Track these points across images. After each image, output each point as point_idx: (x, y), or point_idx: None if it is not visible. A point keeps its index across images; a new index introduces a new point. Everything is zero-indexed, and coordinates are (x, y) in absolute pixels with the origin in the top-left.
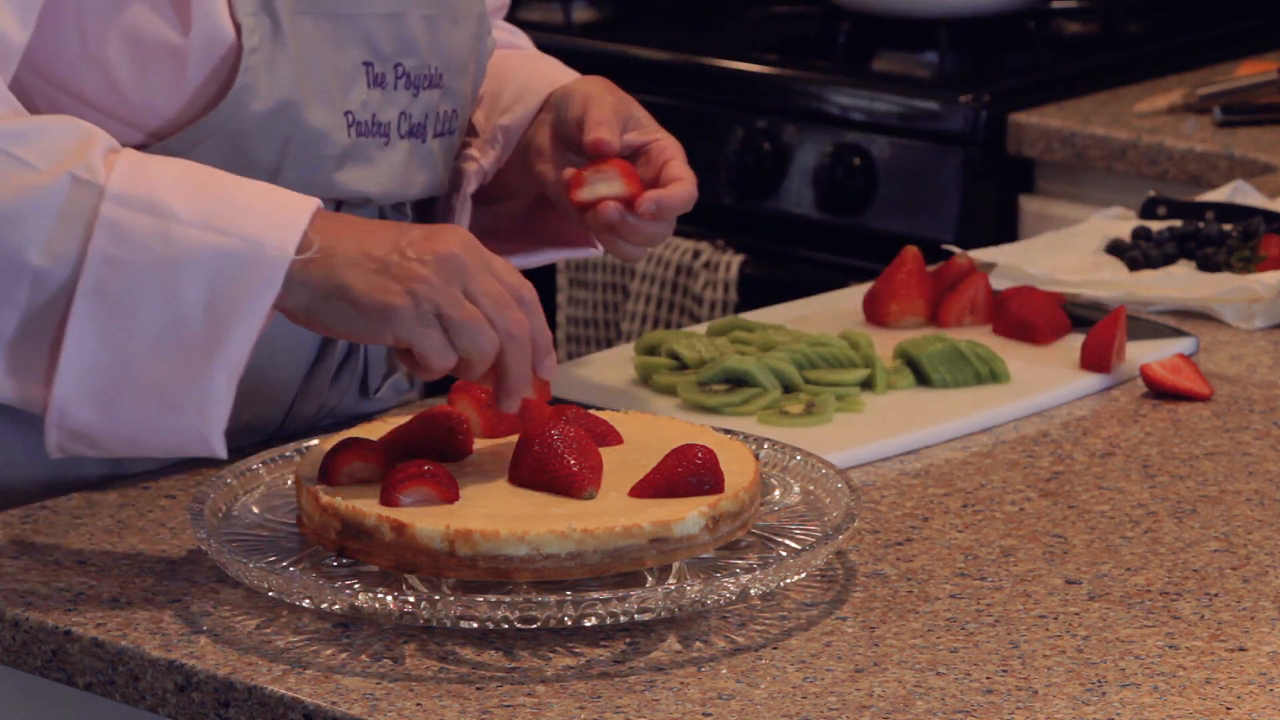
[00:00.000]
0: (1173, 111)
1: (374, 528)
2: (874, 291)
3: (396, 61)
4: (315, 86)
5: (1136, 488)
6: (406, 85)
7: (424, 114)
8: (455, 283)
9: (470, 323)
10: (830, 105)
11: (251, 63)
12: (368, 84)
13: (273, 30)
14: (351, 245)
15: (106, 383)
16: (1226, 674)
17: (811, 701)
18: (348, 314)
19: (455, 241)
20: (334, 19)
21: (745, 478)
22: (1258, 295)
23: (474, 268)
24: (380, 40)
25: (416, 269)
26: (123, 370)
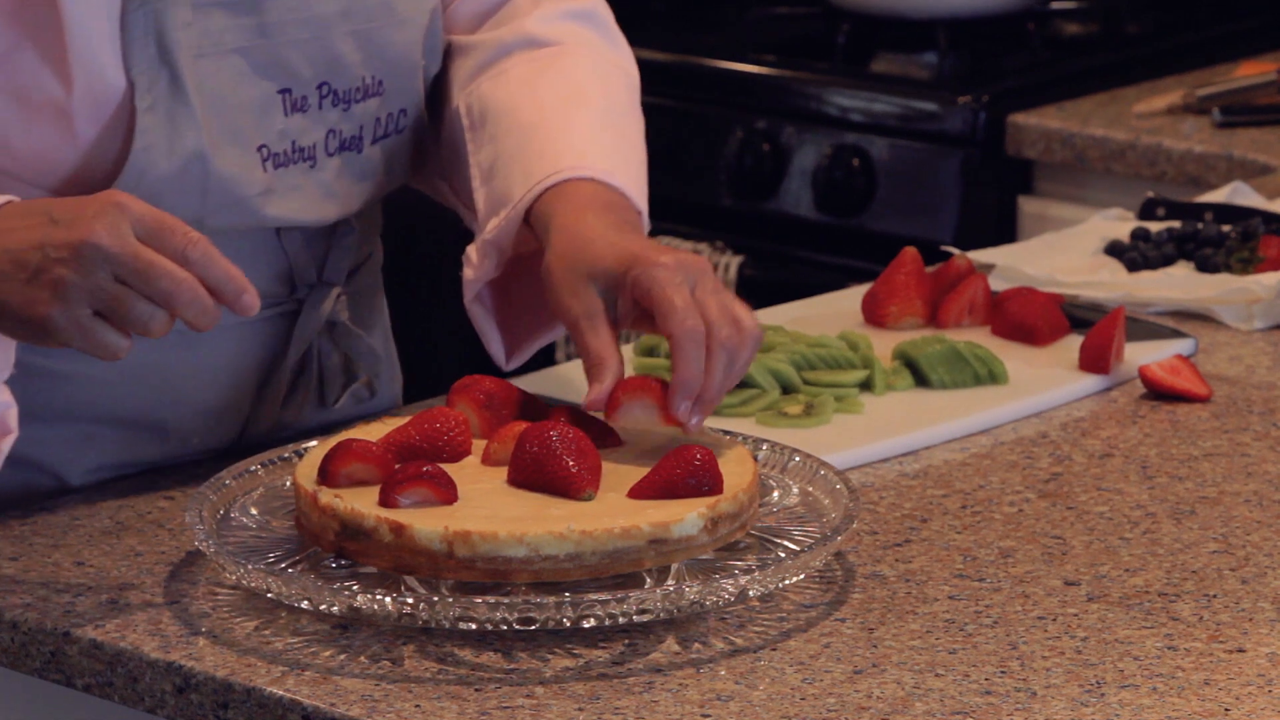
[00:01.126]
0: (1172, 112)
1: (373, 529)
2: (873, 293)
3: (321, 81)
4: (223, 130)
5: (1135, 489)
6: (334, 103)
7: (358, 126)
8: (99, 271)
9: (123, 307)
10: (829, 106)
11: (148, 122)
12: (285, 111)
13: (171, 81)
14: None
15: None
16: (1225, 675)
17: (810, 703)
18: (11, 327)
19: (97, 223)
20: (241, 53)
21: (744, 479)
22: (1256, 296)
23: (114, 249)
24: (297, 65)
25: (58, 271)
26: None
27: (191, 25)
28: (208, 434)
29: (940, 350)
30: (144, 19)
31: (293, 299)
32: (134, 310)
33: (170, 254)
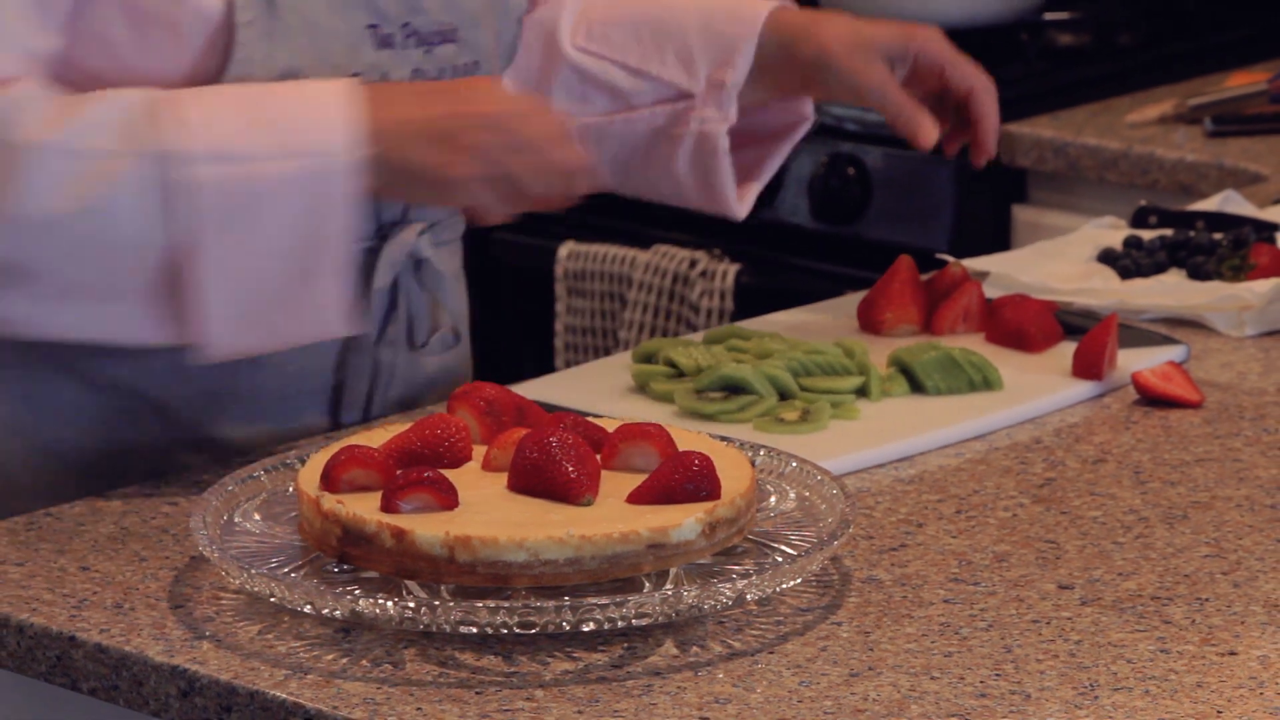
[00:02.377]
0: (1164, 122)
1: (374, 534)
2: (868, 300)
3: (404, 21)
4: (318, 54)
5: (1128, 494)
6: (417, 43)
7: (438, 70)
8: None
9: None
10: (825, 115)
11: (247, 36)
12: (374, 46)
13: (268, 4)
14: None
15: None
16: (1217, 678)
17: (807, 705)
18: (419, 187)
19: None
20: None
21: (741, 484)
22: (1248, 303)
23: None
24: (384, 2)
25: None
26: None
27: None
28: (302, 360)
29: (935, 357)
30: None
31: (376, 235)
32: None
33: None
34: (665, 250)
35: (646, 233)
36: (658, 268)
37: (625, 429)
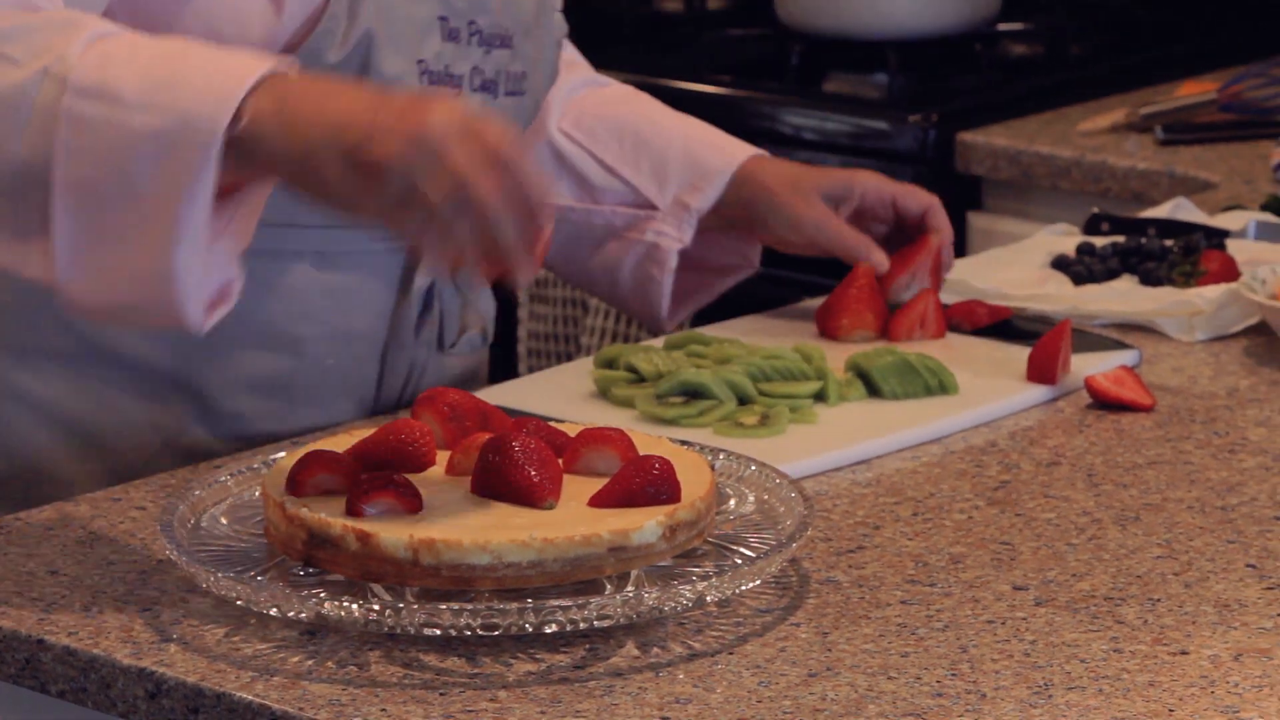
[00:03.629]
0: (1115, 131)
1: (339, 537)
2: (826, 306)
3: (470, 18)
4: (391, 35)
5: (1081, 496)
6: (479, 42)
7: (495, 71)
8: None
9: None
10: (783, 125)
11: (335, 8)
12: (442, 37)
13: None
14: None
15: (91, 265)
16: (1169, 677)
17: (766, 705)
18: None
19: (433, 115)
20: None
21: (701, 488)
22: (1198, 309)
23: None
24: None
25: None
26: (100, 253)
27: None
28: (342, 356)
29: (892, 362)
30: None
31: None
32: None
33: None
34: None
35: None
36: None
37: (587, 433)
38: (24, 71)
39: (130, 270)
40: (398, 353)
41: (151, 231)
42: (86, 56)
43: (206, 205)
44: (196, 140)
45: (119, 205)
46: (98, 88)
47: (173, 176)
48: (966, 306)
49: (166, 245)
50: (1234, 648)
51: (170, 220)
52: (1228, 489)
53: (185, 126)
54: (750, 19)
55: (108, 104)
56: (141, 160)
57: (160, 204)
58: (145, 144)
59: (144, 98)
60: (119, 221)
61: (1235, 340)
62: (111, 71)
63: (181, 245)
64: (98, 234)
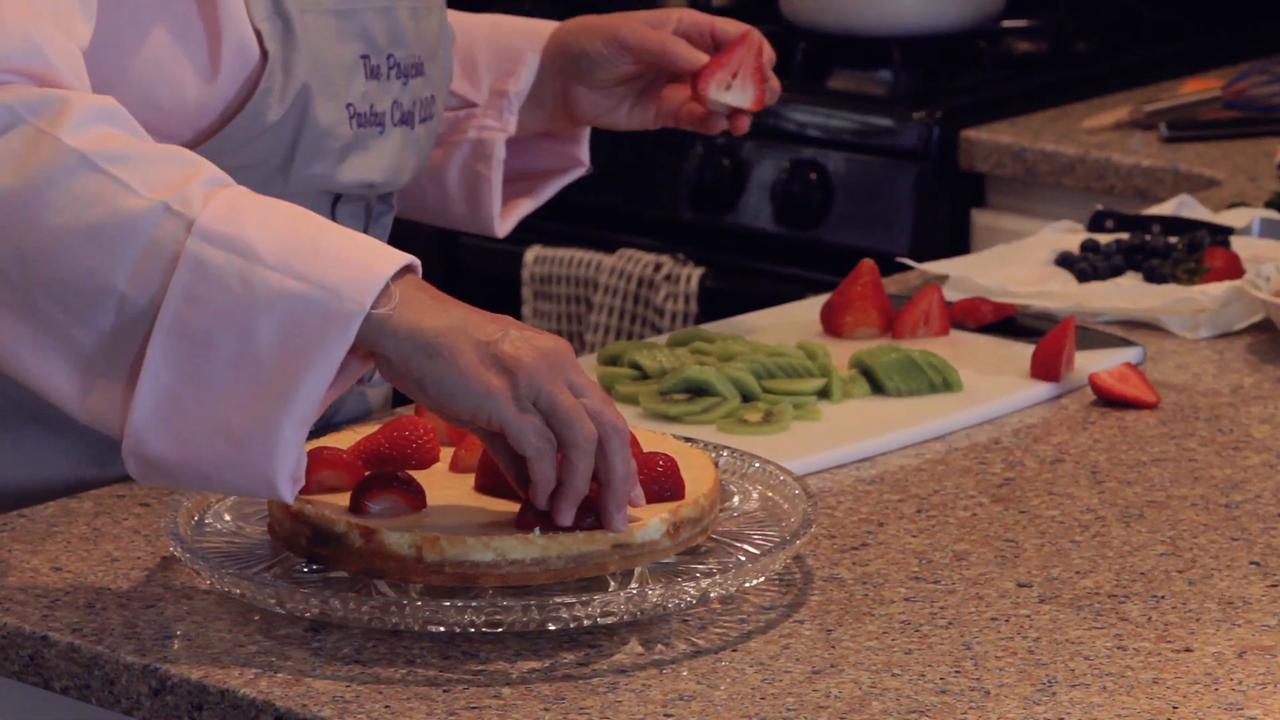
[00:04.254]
0: (1119, 128)
1: (343, 534)
2: (830, 303)
3: (389, 53)
4: (322, 82)
5: (1085, 493)
6: (397, 75)
7: (412, 101)
8: (559, 375)
9: (573, 412)
10: (787, 122)
11: (271, 67)
12: (365, 76)
13: (285, 30)
14: (459, 311)
15: (180, 417)
16: (1173, 674)
17: (770, 702)
18: (447, 379)
19: (556, 340)
20: (335, 15)
21: (705, 485)
22: (1202, 306)
23: (575, 365)
24: (375, 33)
25: (522, 351)
26: (196, 406)
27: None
28: None
29: (896, 359)
30: None
31: None
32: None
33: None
34: (630, 254)
35: (612, 237)
36: (623, 272)
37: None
38: (141, 202)
39: (225, 432)
40: None
41: (265, 396)
42: (213, 202)
43: (328, 379)
44: (338, 311)
45: (231, 362)
46: (230, 238)
47: (301, 344)
48: (971, 304)
49: (277, 413)
50: (1238, 645)
51: (288, 388)
52: (1232, 486)
53: (328, 295)
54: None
55: (241, 257)
56: (270, 321)
57: (281, 370)
58: (278, 305)
59: (282, 259)
60: (227, 379)
61: (1239, 337)
62: (245, 225)
63: (292, 416)
64: (197, 387)
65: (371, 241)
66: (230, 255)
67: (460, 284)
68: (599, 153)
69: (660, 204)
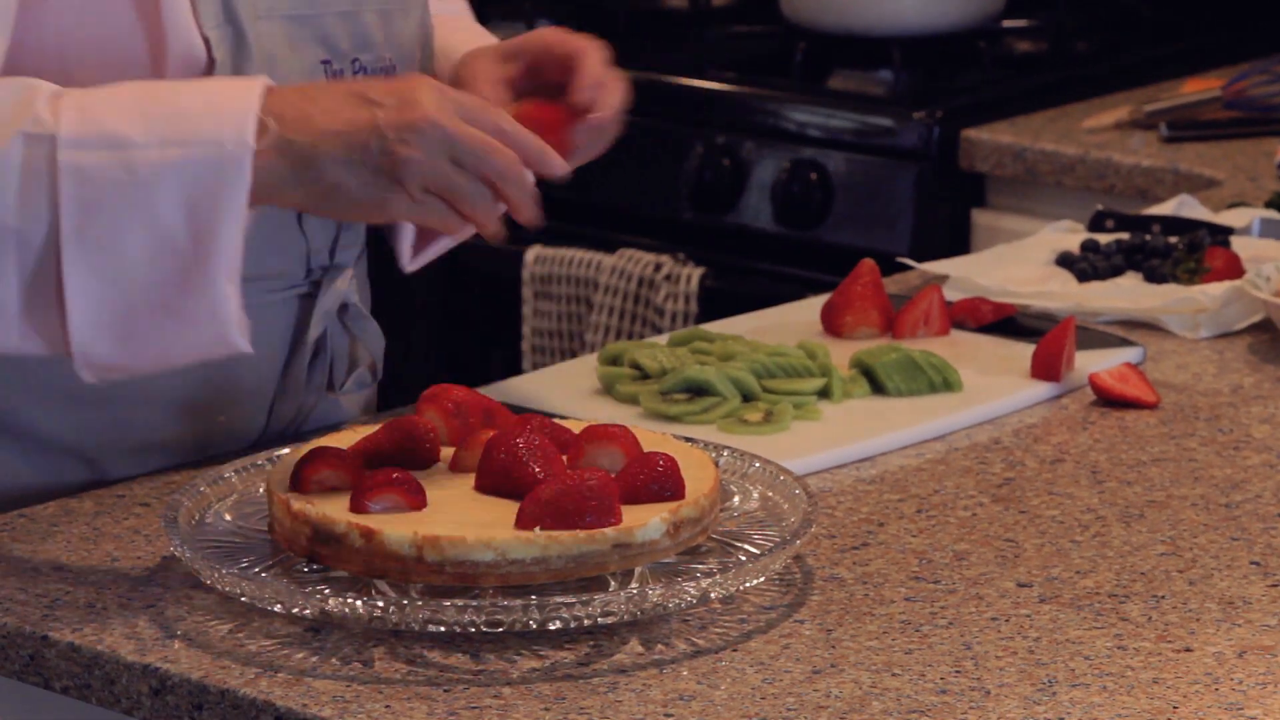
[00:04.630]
0: (1120, 128)
1: (344, 534)
2: (830, 303)
3: (354, 57)
4: None
5: (1085, 493)
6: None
7: None
8: (439, 150)
9: (457, 187)
10: (787, 122)
11: (219, 73)
12: (326, 81)
13: (236, 38)
14: (330, 135)
15: (116, 317)
16: (1173, 674)
17: (770, 702)
18: (343, 208)
19: (429, 105)
20: (292, 20)
21: (705, 484)
22: (1203, 306)
23: (451, 128)
24: (337, 38)
25: (402, 151)
26: (128, 301)
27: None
28: (233, 414)
29: (896, 359)
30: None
31: (308, 281)
32: (467, 190)
33: (489, 131)
34: (631, 254)
35: (612, 237)
36: (623, 271)
37: (591, 430)
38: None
39: (166, 311)
40: (286, 403)
41: (190, 264)
42: (64, 111)
43: (241, 224)
44: (228, 158)
45: (147, 247)
46: (96, 137)
47: (205, 203)
48: (971, 303)
49: (208, 273)
50: (1238, 645)
51: (209, 247)
52: (1232, 486)
53: (211, 148)
54: (755, 16)
55: (114, 150)
56: (167, 194)
57: (195, 234)
58: (169, 177)
59: (154, 134)
60: (148, 264)
61: (1239, 337)
62: (103, 119)
63: (222, 271)
64: (123, 284)
65: (222, 82)
66: (104, 152)
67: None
68: None
69: (661, 204)
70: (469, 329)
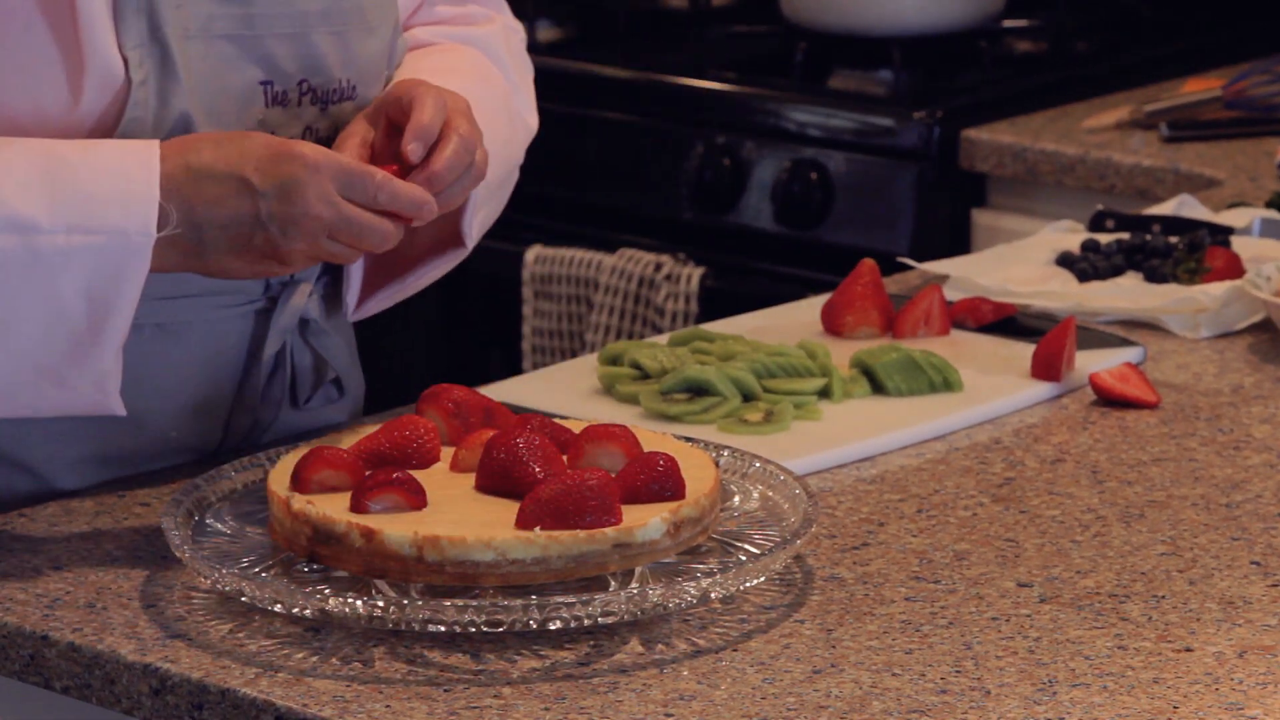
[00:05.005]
0: (1120, 127)
1: (344, 534)
2: (831, 303)
3: (300, 79)
4: (209, 111)
5: (1086, 493)
6: (313, 101)
7: (334, 127)
8: (319, 236)
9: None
10: (788, 122)
11: (140, 95)
12: (266, 103)
13: (162, 58)
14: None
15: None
16: (1173, 674)
17: (770, 702)
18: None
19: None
20: (230, 40)
21: (706, 484)
22: (1203, 306)
23: (329, 217)
24: (281, 59)
25: (283, 243)
26: (14, 367)
27: (182, 7)
28: (186, 429)
29: (896, 359)
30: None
31: (266, 296)
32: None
33: (368, 203)
34: (631, 254)
35: (613, 237)
36: (624, 271)
37: (591, 430)
38: None
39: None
40: (242, 416)
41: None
42: None
43: (133, 307)
44: (131, 247)
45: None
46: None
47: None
48: (971, 303)
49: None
50: (1238, 645)
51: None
52: (1232, 486)
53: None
54: (755, 16)
55: (19, 233)
56: (70, 279)
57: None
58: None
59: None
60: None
61: (1240, 337)
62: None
63: (109, 349)
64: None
65: (122, 156)
66: (9, 235)
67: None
68: (599, 151)
69: (661, 204)
70: (469, 329)
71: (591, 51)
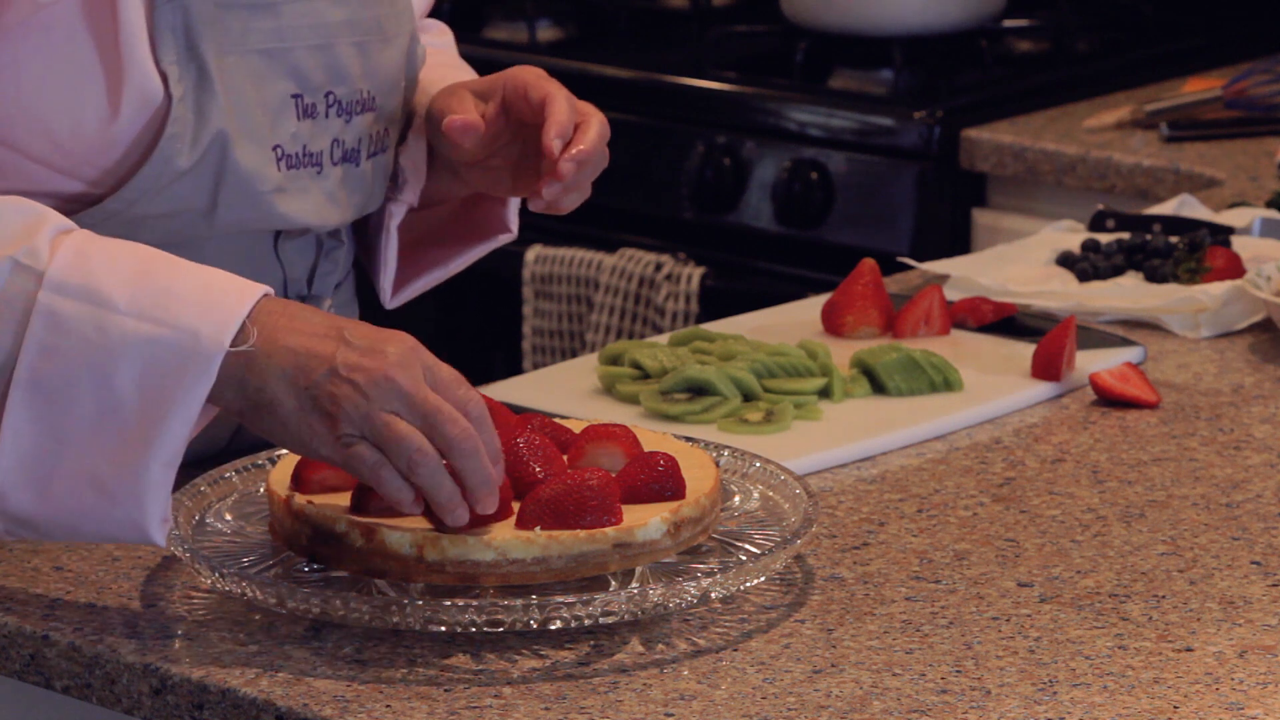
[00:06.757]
0: (1121, 127)
1: (344, 533)
2: (831, 303)
3: (327, 90)
4: (242, 126)
5: (1086, 493)
6: (339, 113)
7: (357, 139)
8: (386, 404)
9: (400, 441)
10: (788, 121)
11: (179, 112)
12: (297, 116)
13: (199, 74)
14: (287, 351)
15: (43, 470)
16: (1174, 674)
17: (771, 702)
18: (273, 432)
19: (392, 358)
20: (262, 55)
21: (706, 484)
22: (1203, 306)
23: (406, 385)
24: (309, 71)
25: (342, 391)
26: (58, 458)
27: (215, 23)
28: (199, 437)
29: (897, 358)
30: (170, 14)
31: None
32: (407, 444)
33: (454, 404)
34: (631, 254)
35: (613, 237)
36: (624, 271)
37: (591, 430)
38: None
39: (92, 482)
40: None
41: (129, 443)
42: (61, 252)
43: (192, 420)
44: (198, 352)
45: (92, 412)
46: (81, 287)
47: (162, 388)
48: (971, 303)
49: (144, 459)
50: (1239, 645)
51: (153, 433)
52: (1233, 486)
53: (185, 337)
54: (756, 15)
55: (93, 305)
56: (128, 367)
57: (144, 415)
58: (135, 350)
59: (136, 304)
60: (89, 429)
61: (1240, 337)
62: (95, 272)
63: (158, 460)
64: (59, 440)
65: (226, 277)
66: (82, 304)
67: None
68: None
69: (661, 203)
70: (469, 329)
71: (591, 51)
